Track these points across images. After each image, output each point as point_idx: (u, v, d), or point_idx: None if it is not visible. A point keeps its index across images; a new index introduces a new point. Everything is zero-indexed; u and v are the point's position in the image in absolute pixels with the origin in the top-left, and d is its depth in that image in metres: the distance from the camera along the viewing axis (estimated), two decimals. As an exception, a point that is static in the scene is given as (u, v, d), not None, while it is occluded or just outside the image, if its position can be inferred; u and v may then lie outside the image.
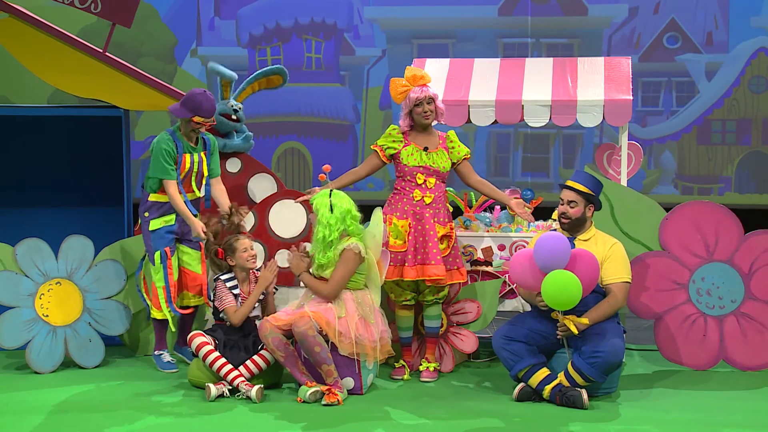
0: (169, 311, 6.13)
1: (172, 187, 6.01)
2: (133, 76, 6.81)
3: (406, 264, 5.88)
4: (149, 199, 6.13)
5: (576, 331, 5.35)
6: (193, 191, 6.18)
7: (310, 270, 5.78)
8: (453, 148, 6.03)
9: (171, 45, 10.05)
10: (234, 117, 6.64)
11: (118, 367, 6.31)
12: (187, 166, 6.09)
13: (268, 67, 6.90)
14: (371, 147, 6.12)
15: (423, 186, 5.96)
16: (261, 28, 10.01)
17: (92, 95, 6.86)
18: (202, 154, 6.17)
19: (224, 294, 5.87)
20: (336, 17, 9.94)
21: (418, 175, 5.96)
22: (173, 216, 6.13)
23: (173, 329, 6.21)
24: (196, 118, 5.99)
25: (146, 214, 6.15)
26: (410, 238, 5.90)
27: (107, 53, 6.76)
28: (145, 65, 9.23)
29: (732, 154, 9.59)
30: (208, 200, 6.30)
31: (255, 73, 6.86)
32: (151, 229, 6.14)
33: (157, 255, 6.12)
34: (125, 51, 8.71)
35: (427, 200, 5.94)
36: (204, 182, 6.26)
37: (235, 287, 5.92)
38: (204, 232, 5.95)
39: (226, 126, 6.65)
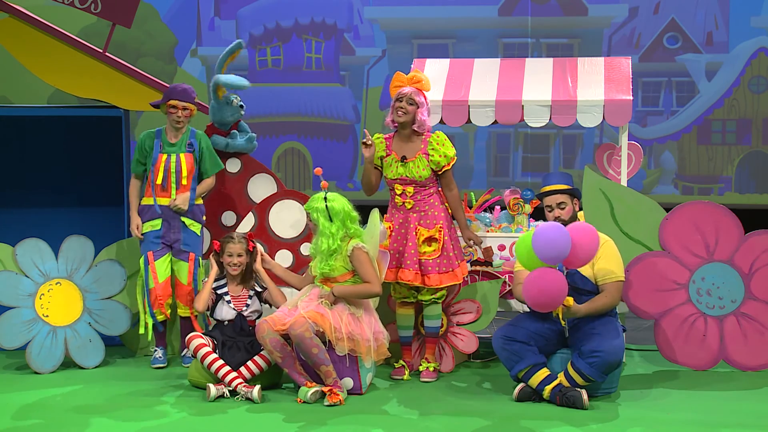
0: (149, 316, 6.22)
1: (132, 179, 6.29)
2: (133, 76, 6.82)
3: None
4: (140, 203, 6.30)
5: (562, 312, 5.32)
6: (169, 194, 6.22)
7: (316, 276, 5.80)
8: (433, 155, 5.94)
9: (171, 45, 10.05)
10: (242, 111, 6.59)
11: (118, 367, 6.32)
12: (162, 165, 6.16)
13: (228, 47, 6.63)
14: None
15: (402, 194, 5.97)
16: (261, 28, 10.01)
17: (92, 95, 6.87)
18: (181, 156, 6.20)
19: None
20: (336, 17, 9.94)
21: (396, 185, 5.99)
22: (159, 221, 6.18)
23: (149, 337, 6.31)
24: (171, 102, 6.14)
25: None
26: (390, 240, 5.95)
27: (107, 53, 6.77)
28: (145, 65, 9.23)
29: (732, 154, 9.59)
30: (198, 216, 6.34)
31: (219, 61, 6.62)
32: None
33: (141, 260, 6.20)
34: (125, 51, 8.71)
35: (408, 206, 5.96)
36: (182, 185, 6.24)
37: (222, 286, 5.94)
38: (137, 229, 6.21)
39: (232, 122, 6.62)
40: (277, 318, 5.57)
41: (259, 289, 6.01)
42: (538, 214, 6.74)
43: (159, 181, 6.19)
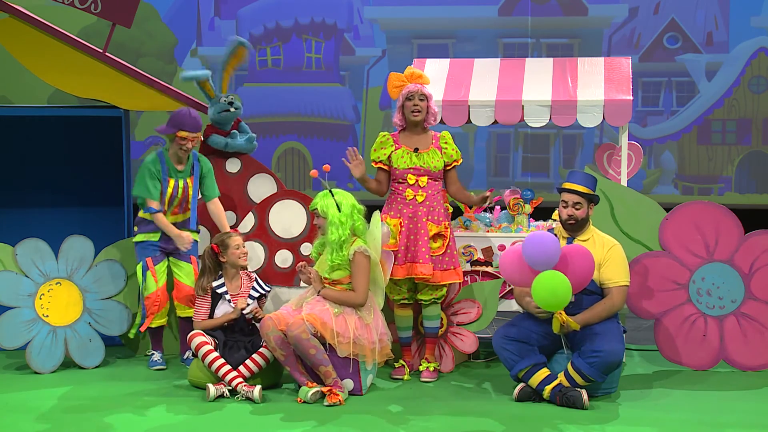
0: (157, 317, 6.23)
1: (154, 206, 6.12)
2: (133, 76, 6.82)
3: (396, 262, 5.90)
4: (139, 214, 6.28)
5: (557, 330, 5.34)
6: (175, 215, 6.25)
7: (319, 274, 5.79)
8: (446, 148, 6.02)
9: (171, 45, 10.05)
10: (232, 108, 6.59)
11: (118, 367, 6.32)
12: (170, 191, 6.16)
13: (227, 46, 6.66)
14: (372, 164, 6.13)
15: (415, 185, 5.97)
16: (261, 28, 10.01)
17: (92, 95, 6.86)
18: (188, 180, 6.22)
19: (200, 302, 5.96)
20: (336, 17, 9.94)
21: (409, 176, 5.97)
22: (158, 234, 6.22)
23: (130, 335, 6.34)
24: (181, 133, 6.08)
25: (135, 228, 6.29)
26: (401, 236, 5.92)
27: (107, 53, 6.76)
28: (145, 65, 9.23)
29: (732, 154, 9.59)
30: (194, 223, 6.32)
31: (222, 60, 6.67)
32: (135, 240, 6.26)
33: (138, 266, 6.22)
34: (125, 51, 8.71)
35: (420, 198, 5.95)
36: (189, 206, 6.29)
37: (221, 285, 5.94)
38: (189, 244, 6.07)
39: (229, 119, 6.61)
40: (281, 316, 5.57)
41: (261, 292, 6.02)
42: (538, 214, 6.75)
43: (166, 206, 6.19)
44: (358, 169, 5.98)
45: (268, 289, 6.10)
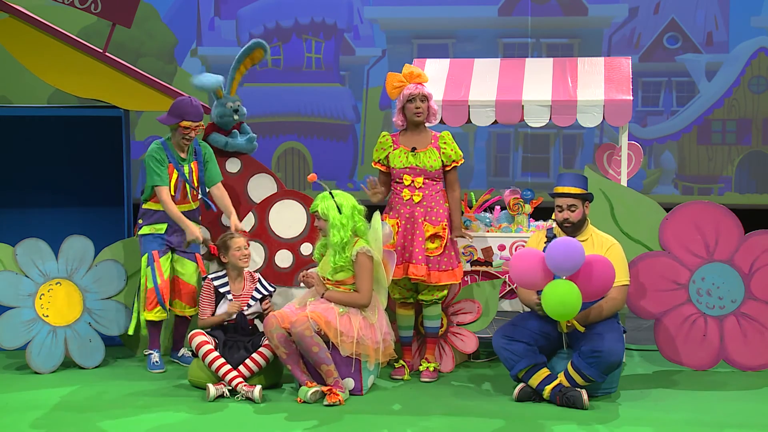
0: (159, 310, 6.17)
1: (164, 193, 6.11)
2: (133, 76, 6.82)
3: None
4: (142, 206, 6.26)
5: (564, 329, 5.35)
6: (186, 202, 6.24)
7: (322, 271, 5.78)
8: (444, 148, 6.01)
9: (171, 45, 10.05)
10: (236, 116, 6.60)
11: (118, 367, 6.32)
12: (174, 176, 6.13)
13: (246, 45, 6.70)
14: (372, 165, 6.14)
15: (411, 186, 5.97)
16: (261, 28, 10.01)
17: (92, 95, 6.87)
18: (192, 165, 6.21)
19: (204, 298, 5.96)
20: (336, 17, 9.94)
21: (405, 176, 5.97)
22: (164, 225, 6.19)
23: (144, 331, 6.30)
24: (184, 123, 6.07)
25: (140, 221, 6.27)
26: (398, 236, 5.93)
27: (107, 53, 6.77)
28: (145, 65, 9.23)
29: (732, 154, 9.59)
30: (209, 206, 6.32)
31: (236, 58, 6.69)
32: (141, 233, 6.24)
33: (144, 257, 6.19)
34: (125, 51, 8.71)
35: (416, 199, 5.95)
36: (197, 193, 6.28)
37: (224, 285, 5.94)
38: (200, 236, 6.03)
39: (230, 123, 6.61)
40: (285, 314, 5.57)
41: (264, 293, 6.02)
42: (538, 214, 6.75)
43: (173, 192, 6.17)
44: (375, 197, 6.04)
45: (273, 289, 6.10)
